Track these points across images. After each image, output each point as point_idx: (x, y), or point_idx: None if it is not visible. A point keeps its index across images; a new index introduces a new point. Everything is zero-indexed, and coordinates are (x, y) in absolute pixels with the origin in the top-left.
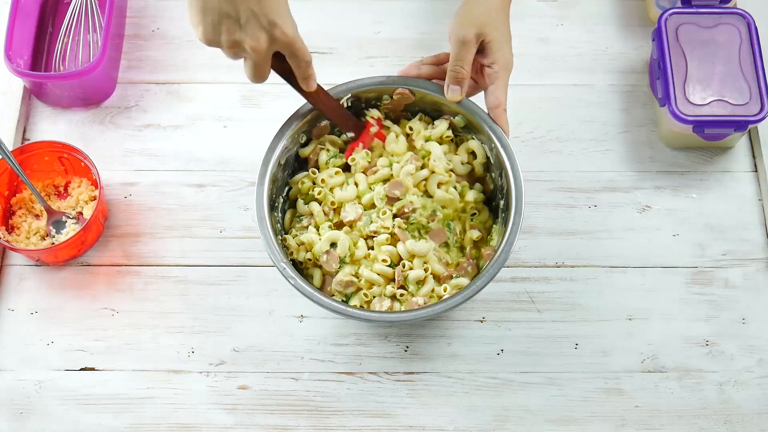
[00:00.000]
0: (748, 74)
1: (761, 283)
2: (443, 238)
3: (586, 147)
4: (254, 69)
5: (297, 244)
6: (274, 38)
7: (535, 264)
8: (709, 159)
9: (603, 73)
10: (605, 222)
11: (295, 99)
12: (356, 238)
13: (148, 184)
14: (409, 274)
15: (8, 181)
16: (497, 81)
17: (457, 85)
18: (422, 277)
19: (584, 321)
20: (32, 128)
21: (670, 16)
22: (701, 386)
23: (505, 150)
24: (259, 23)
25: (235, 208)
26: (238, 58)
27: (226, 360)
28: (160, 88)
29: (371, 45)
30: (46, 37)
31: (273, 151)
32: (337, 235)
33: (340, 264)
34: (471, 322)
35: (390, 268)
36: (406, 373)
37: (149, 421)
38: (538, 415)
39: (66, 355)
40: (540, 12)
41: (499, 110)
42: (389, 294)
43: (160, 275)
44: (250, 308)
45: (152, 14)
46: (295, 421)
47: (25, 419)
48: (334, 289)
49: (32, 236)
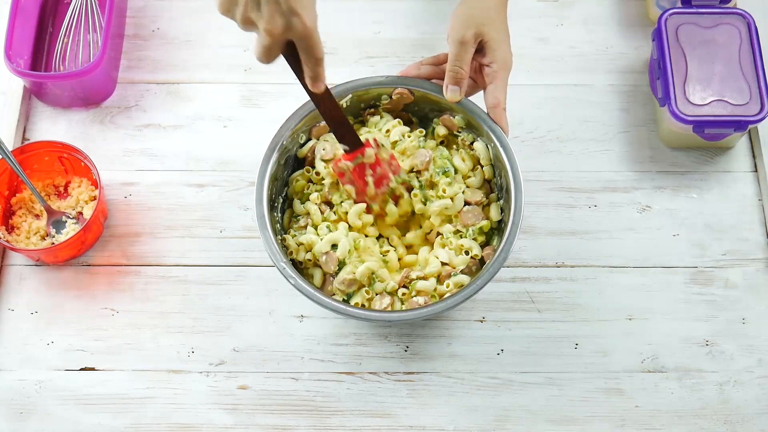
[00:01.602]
0: (748, 74)
1: (761, 283)
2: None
3: (586, 147)
4: (263, 50)
5: (296, 245)
6: (291, 26)
7: (535, 264)
8: (709, 159)
9: (603, 73)
10: (605, 222)
11: (295, 99)
12: (358, 238)
13: (148, 184)
14: (416, 283)
15: (8, 181)
16: (496, 80)
17: (456, 85)
18: (426, 275)
19: (584, 321)
20: (32, 128)
21: (670, 16)
22: (701, 386)
23: (505, 150)
24: (279, 8)
25: (235, 208)
26: (249, 32)
27: (226, 360)
28: (160, 88)
29: (371, 45)
30: (46, 37)
31: (273, 151)
32: (337, 237)
33: (339, 265)
34: (471, 322)
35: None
36: (406, 373)
37: (149, 421)
38: (538, 415)
39: (66, 355)
40: (540, 12)
41: (499, 110)
42: (391, 289)
43: (160, 275)
44: (250, 308)
45: (152, 14)
46: (295, 421)
47: (25, 419)
48: (335, 288)
49: (32, 236)
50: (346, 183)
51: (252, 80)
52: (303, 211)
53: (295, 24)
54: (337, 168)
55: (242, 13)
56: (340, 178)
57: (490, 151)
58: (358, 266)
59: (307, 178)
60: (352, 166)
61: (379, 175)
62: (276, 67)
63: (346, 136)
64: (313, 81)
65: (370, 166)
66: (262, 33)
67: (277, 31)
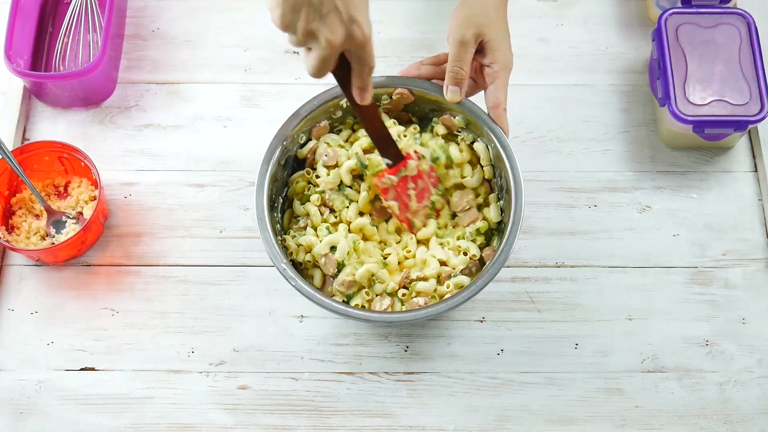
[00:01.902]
0: (748, 74)
1: (761, 283)
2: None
3: (586, 147)
4: (320, 62)
5: (296, 245)
6: (351, 35)
7: (535, 264)
8: (709, 159)
9: (603, 73)
10: (605, 222)
11: (296, 99)
12: (357, 240)
13: (148, 184)
14: (416, 284)
15: (8, 181)
16: (497, 81)
17: (457, 85)
18: (426, 276)
19: (584, 321)
20: (32, 128)
21: (670, 16)
22: (701, 386)
23: (504, 150)
24: (339, 17)
25: (235, 208)
26: (302, 46)
27: (226, 360)
28: (160, 88)
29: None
30: (46, 37)
31: (273, 151)
32: (336, 239)
33: (338, 267)
34: (471, 322)
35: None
36: (406, 373)
37: (149, 421)
38: (538, 415)
39: (66, 355)
40: (540, 12)
41: (499, 110)
42: (391, 290)
43: (160, 275)
44: (250, 308)
45: (152, 14)
46: (295, 421)
47: (25, 419)
48: (336, 289)
49: (32, 236)
50: (390, 199)
51: (252, 80)
52: (303, 212)
53: (355, 32)
54: (381, 183)
55: (304, 25)
56: (383, 194)
57: (491, 151)
58: (358, 268)
59: (307, 180)
60: (397, 180)
61: (421, 188)
62: (276, 67)
63: (390, 150)
64: (361, 91)
65: (411, 179)
66: (323, 44)
67: (337, 41)
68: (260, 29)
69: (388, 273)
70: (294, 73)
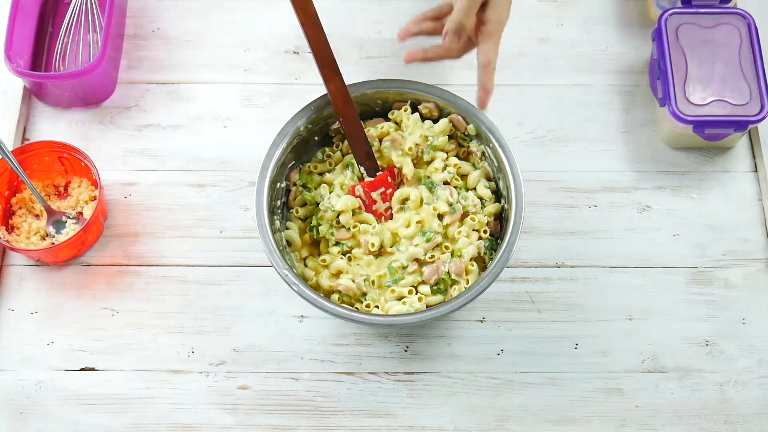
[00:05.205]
0: (748, 74)
1: (761, 283)
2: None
3: (587, 147)
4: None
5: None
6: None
7: (535, 264)
8: (709, 159)
9: (603, 73)
10: (605, 222)
11: (295, 99)
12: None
13: (148, 184)
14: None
15: (8, 181)
16: (490, 40)
17: (457, 34)
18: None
19: (584, 321)
20: (32, 128)
21: (670, 16)
22: (701, 386)
23: (504, 150)
24: None
25: (235, 208)
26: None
27: (226, 360)
28: (160, 88)
29: (371, 45)
30: (46, 37)
31: (273, 152)
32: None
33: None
34: (471, 322)
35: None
36: (406, 373)
37: (149, 421)
38: (538, 415)
39: (66, 355)
40: (540, 12)
41: (489, 69)
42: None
43: (160, 275)
44: (250, 308)
45: (152, 14)
46: (295, 421)
47: (25, 419)
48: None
49: (32, 236)
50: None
51: (252, 80)
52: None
53: None
54: (354, 193)
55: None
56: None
57: (490, 152)
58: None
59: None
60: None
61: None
62: (276, 67)
63: (368, 163)
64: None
65: (380, 184)
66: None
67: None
68: (260, 29)
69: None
70: (294, 73)
